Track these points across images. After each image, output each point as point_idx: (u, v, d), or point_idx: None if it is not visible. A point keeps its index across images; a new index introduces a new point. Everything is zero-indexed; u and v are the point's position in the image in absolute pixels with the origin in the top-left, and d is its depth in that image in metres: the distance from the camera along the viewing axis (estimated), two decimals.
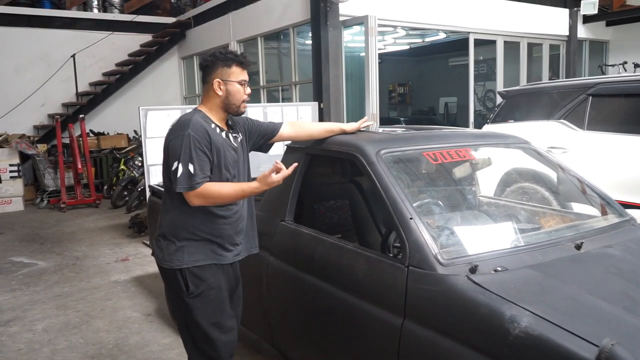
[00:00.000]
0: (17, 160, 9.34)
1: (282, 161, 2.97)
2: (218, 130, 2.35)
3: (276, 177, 2.25)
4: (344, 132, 2.72)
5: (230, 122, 2.47)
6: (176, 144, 2.23)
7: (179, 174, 2.19)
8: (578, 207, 3.25)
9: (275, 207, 2.86)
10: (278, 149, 5.63)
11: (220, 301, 2.35)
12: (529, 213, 3.05)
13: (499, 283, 1.83)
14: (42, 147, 10.13)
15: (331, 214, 3.26)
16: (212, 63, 2.35)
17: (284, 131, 2.66)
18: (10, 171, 9.27)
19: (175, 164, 2.20)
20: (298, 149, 2.89)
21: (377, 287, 2.13)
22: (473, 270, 1.91)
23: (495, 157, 3.30)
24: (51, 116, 10.84)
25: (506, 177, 4.94)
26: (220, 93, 2.34)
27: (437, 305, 1.88)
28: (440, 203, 2.50)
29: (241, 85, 2.35)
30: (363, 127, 2.80)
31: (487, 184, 4.42)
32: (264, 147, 2.70)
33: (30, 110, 10.68)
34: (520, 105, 5.86)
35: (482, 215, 2.63)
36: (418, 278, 1.97)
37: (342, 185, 3.42)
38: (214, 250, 2.32)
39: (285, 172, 2.26)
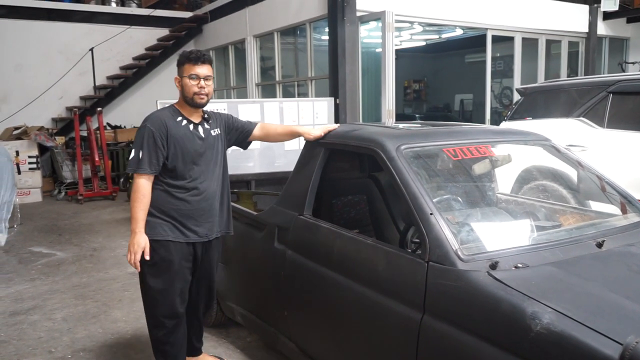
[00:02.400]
0: (35, 152, 9.47)
1: (302, 154, 3.00)
2: (184, 122, 2.72)
3: (128, 258, 2.67)
4: (306, 138, 2.92)
5: (206, 116, 2.81)
6: (137, 134, 2.67)
7: (131, 157, 2.64)
8: (598, 206, 3.22)
9: (294, 201, 2.87)
10: (293, 144, 5.64)
11: (170, 274, 2.68)
12: (548, 211, 3.03)
13: (520, 279, 1.82)
14: (60, 140, 10.26)
15: (349, 209, 3.27)
16: (177, 64, 2.73)
17: (255, 132, 2.98)
18: (29, 163, 9.41)
19: (132, 150, 2.64)
20: (317, 144, 2.90)
21: (396, 282, 2.14)
22: (494, 266, 1.91)
23: (513, 154, 3.28)
24: (69, 109, 10.97)
25: (524, 174, 4.91)
26: (179, 88, 2.72)
27: (457, 300, 1.88)
28: (460, 199, 2.50)
29: (191, 79, 2.65)
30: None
31: (504, 181, 4.40)
32: (243, 144, 3.02)
33: (49, 103, 10.83)
34: (539, 103, 5.80)
35: (502, 212, 2.61)
36: (438, 273, 1.97)
37: (360, 180, 3.42)
38: (171, 229, 2.67)
39: (136, 264, 2.65)
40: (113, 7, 11.85)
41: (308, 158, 2.90)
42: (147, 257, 2.63)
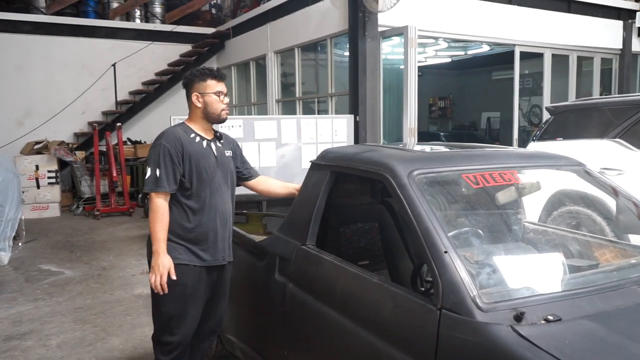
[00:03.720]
0: (55, 167, 9.44)
1: (306, 177, 2.76)
2: (198, 139, 2.64)
3: (152, 280, 2.48)
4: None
5: (218, 134, 2.75)
6: (151, 152, 2.59)
7: (147, 176, 2.54)
8: (638, 239, 2.87)
9: (296, 230, 2.61)
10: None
11: (184, 298, 2.57)
12: (582, 244, 2.69)
13: (550, 337, 1.52)
14: (80, 154, 10.24)
15: (359, 238, 2.98)
16: (190, 80, 2.68)
17: (251, 183, 2.94)
18: (49, 177, 9.38)
19: (149, 169, 2.55)
20: (323, 166, 2.64)
21: (404, 330, 1.85)
22: (519, 318, 1.60)
23: (542, 179, 2.96)
24: (91, 124, 10.98)
25: (553, 199, 4.56)
26: (199, 105, 2.65)
27: (474, 359, 1.58)
28: (481, 233, 2.20)
29: (217, 95, 2.63)
30: None
31: (531, 206, 4.05)
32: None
33: (71, 118, 10.84)
34: (570, 122, 5.45)
35: (530, 249, 2.29)
36: (452, 324, 1.68)
37: (371, 206, 3.13)
38: (185, 252, 2.56)
39: (164, 286, 2.47)
40: (136, 24, 11.88)
41: (312, 182, 2.65)
42: (174, 277, 2.50)
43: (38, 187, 9.27)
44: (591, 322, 1.61)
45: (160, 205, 2.52)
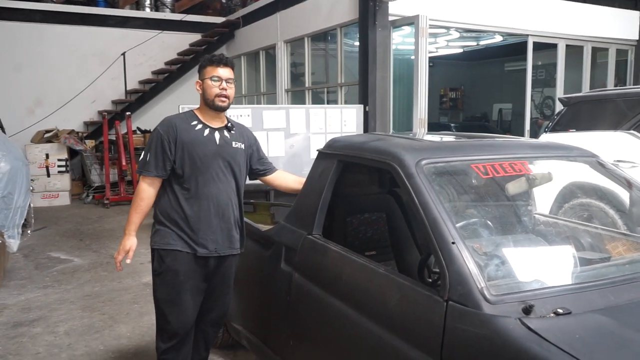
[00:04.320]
0: (65, 156, 9.48)
1: (313, 166, 2.72)
2: (199, 126, 2.61)
3: (117, 255, 2.61)
4: None
5: (230, 125, 2.68)
6: (149, 137, 2.64)
7: (140, 159, 2.61)
8: None
9: (302, 219, 2.58)
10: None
11: (175, 284, 2.56)
12: (593, 237, 2.64)
13: (560, 331, 1.48)
14: (90, 143, 10.28)
15: (366, 228, 2.95)
16: (199, 68, 2.66)
17: (268, 178, 2.90)
18: (59, 166, 9.43)
19: (143, 153, 2.61)
20: (330, 155, 2.61)
21: (410, 321, 1.82)
22: (527, 310, 1.56)
23: (554, 170, 2.90)
24: (101, 113, 11.00)
25: (565, 191, 4.49)
26: (199, 91, 2.64)
27: (481, 352, 1.55)
28: (490, 224, 2.15)
29: (212, 80, 2.56)
30: None
31: (542, 198, 3.99)
32: (250, 175, 2.88)
33: (81, 107, 10.88)
34: (583, 114, 5.35)
35: (539, 241, 2.25)
36: (459, 316, 1.64)
37: (378, 196, 3.09)
38: (181, 238, 2.55)
39: (118, 261, 2.62)
40: (146, 12, 11.86)
41: (319, 171, 2.61)
42: (128, 261, 2.61)
43: (48, 175, 9.32)
44: (602, 316, 1.57)
45: (143, 189, 2.57)
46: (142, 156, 2.60)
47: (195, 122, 2.61)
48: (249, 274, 3.03)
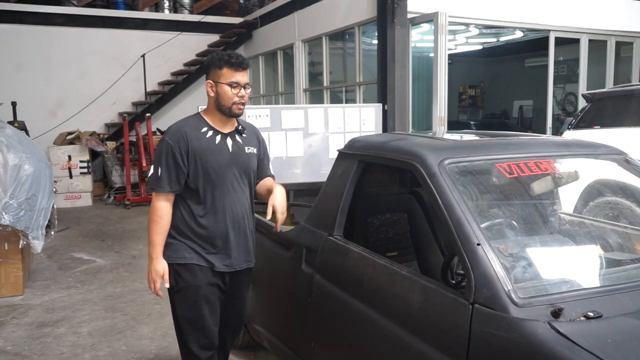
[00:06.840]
0: (87, 157, 9.62)
1: (333, 167, 2.70)
2: (210, 133, 2.41)
3: (151, 284, 2.40)
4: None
5: (240, 128, 2.50)
6: (157, 148, 2.43)
7: (150, 174, 2.40)
8: None
9: (323, 220, 2.56)
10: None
11: (197, 301, 2.42)
12: (622, 237, 2.57)
13: (591, 335, 1.43)
14: (111, 145, 10.40)
15: (387, 229, 2.91)
16: (206, 66, 2.42)
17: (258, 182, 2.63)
18: (81, 167, 9.56)
19: (152, 166, 2.41)
20: (350, 155, 2.58)
21: (435, 324, 1.79)
22: (556, 314, 1.52)
23: (580, 169, 2.84)
24: (121, 114, 11.13)
25: (590, 189, 4.39)
26: (212, 94, 2.40)
27: (509, 356, 1.51)
28: (515, 224, 2.10)
29: (231, 87, 2.34)
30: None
31: (565, 196, 3.91)
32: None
33: (102, 108, 11.02)
34: (608, 110, 5.24)
35: (567, 241, 2.19)
36: (485, 320, 1.61)
37: (400, 196, 3.05)
38: (196, 251, 2.40)
39: (157, 292, 2.41)
40: (165, 14, 11.95)
41: (340, 172, 2.59)
42: (167, 285, 2.40)
43: (71, 176, 9.46)
44: (635, 320, 1.52)
45: (159, 207, 2.36)
46: (152, 170, 2.38)
47: (205, 129, 2.40)
48: (270, 275, 3.02)
